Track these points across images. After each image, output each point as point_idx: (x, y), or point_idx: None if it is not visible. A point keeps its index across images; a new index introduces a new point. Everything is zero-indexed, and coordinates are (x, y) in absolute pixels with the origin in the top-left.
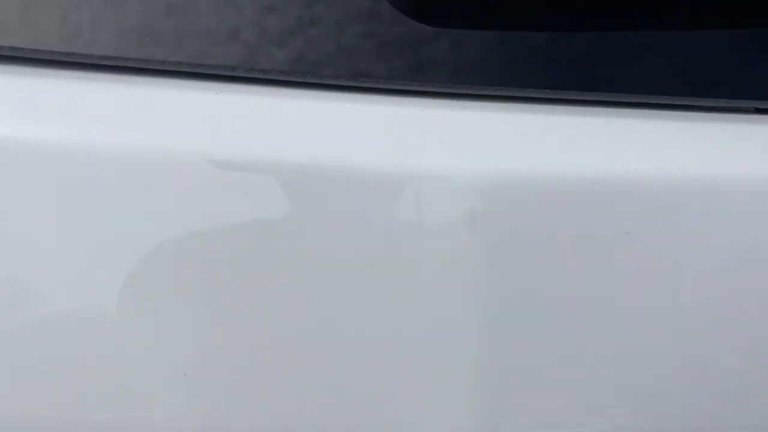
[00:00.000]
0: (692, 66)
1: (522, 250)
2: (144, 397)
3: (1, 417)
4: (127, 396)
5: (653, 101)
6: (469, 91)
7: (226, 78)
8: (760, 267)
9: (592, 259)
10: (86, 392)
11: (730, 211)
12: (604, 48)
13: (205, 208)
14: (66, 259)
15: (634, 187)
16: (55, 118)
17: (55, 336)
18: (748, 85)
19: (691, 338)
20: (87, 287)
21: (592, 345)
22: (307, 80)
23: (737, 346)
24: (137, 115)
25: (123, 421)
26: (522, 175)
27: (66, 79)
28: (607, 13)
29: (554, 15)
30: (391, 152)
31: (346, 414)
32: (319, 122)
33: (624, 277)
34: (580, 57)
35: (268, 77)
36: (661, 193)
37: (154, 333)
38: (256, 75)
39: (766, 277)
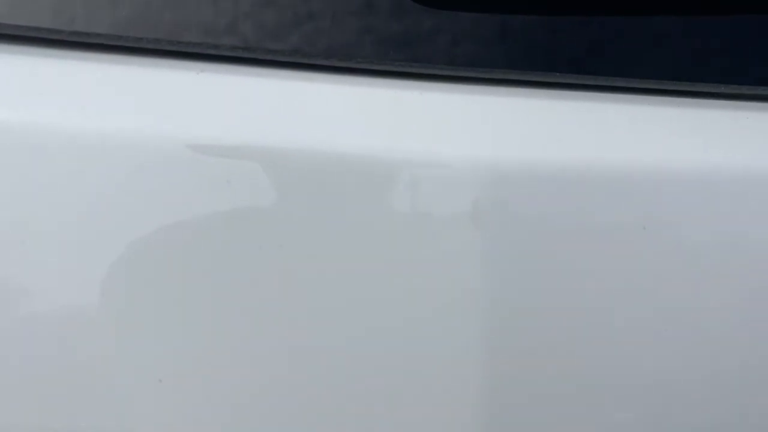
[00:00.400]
0: (715, 50)
1: (528, 242)
2: (116, 403)
3: None
4: (98, 402)
5: (671, 87)
6: (472, 75)
7: (208, 57)
8: None
9: (604, 253)
10: (55, 398)
11: (755, 204)
12: (620, 29)
13: (185, 200)
14: (29, 254)
15: (650, 177)
16: (30, 100)
17: (21, 340)
18: None
19: (711, 338)
20: (53, 287)
21: (602, 343)
22: (299, 61)
23: (758, 346)
24: (111, 95)
25: (95, 429)
26: (529, 164)
27: (39, 57)
28: None
29: None
30: (389, 138)
31: (337, 420)
32: (312, 106)
33: (637, 272)
34: (594, 37)
35: (257, 57)
36: (679, 185)
37: (127, 336)
38: (245, 54)
39: None
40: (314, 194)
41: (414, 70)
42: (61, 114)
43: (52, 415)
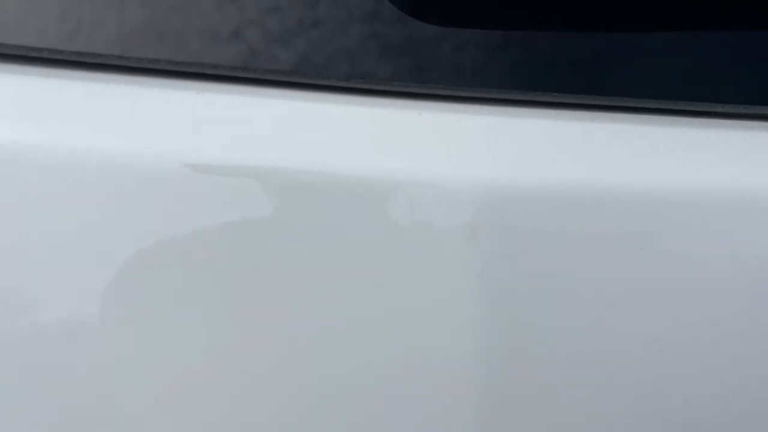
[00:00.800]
0: (711, 70)
1: (524, 260)
2: (112, 422)
3: None
4: (94, 420)
5: (668, 107)
6: (471, 94)
7: (210, 77)
8: None
9: (598, 272)
10: (49, 417)
11: (750, 223)
12: (615, 49)
13: (188, 218)
14: (29, 271)
15: (646, 197)
16: (31, 118)
17: (17, 357)
18: None
19: (708, 356)
20: (50, 303)
21: (596, 359)
22: (300, 81)
23: (754, 363)
24: (114, 114)
25: None
26: (525, 183)
27: (40, 77)
28: (619, 11)
29: (562, 14)
30: (387, 158)
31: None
32: (311, 125)
33: (631, 290)
34: (589, 59)
35: (261, 77)
36: (675, 205)
37: (124, 353)
38: (243, 74)
39: None
40: (311, 213)
41: (412, 90)
42: (62, 132)
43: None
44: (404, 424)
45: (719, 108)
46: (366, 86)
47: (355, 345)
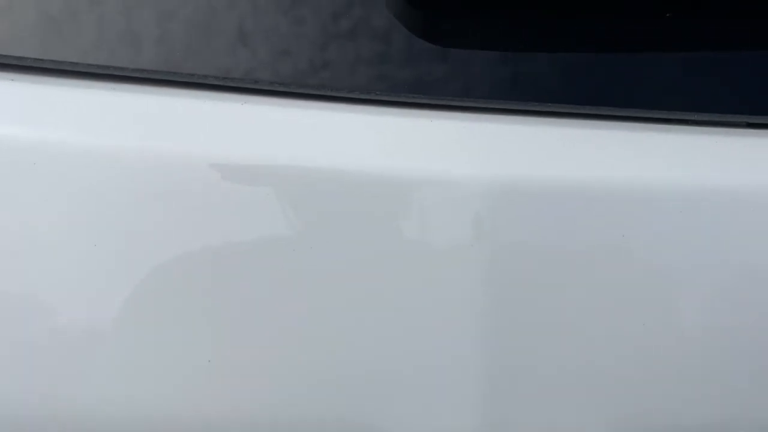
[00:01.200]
0: (688, 82)
1: (526, 254)
2: (166, 387)
3: (25, 403)
4: (149, 387)
5: (650, 115)
6: (476, 105)
7: (246, 90)
8: (752, 276)
9: (595, 266)
10: (109, 383)
11: (722, 221)
12: (603, 64)
13: (222, 213)
14: (87, 259)
15: (632, 196)
16: (81, 128)
17: (79, 329)
18: (741, 101)
19: (691, 348)
20: (107, 287)
21: (595, 351)
22: (326, 94)
23: (736, 358)
24: (156, 124)
25: (144, 409)
26: (526, 181)
27: (92, 89)
28: (607, 32)
29: (555, 33)
30: (400, 160)
31: (354, 411)
32: (332, 132)
33: (624, 283)
34: (580, 73)
35: (291, 90)
36: (657, 202)
37: (171, 330)
38: (281, 88)
39: (758, 286)
40: (335, 210)
41: (423, 101)
42: (117, 142)
43: (104, 397)
44: (408, 423)
45: (694, 116)
46: (385, 98)
47: (368, 340)
